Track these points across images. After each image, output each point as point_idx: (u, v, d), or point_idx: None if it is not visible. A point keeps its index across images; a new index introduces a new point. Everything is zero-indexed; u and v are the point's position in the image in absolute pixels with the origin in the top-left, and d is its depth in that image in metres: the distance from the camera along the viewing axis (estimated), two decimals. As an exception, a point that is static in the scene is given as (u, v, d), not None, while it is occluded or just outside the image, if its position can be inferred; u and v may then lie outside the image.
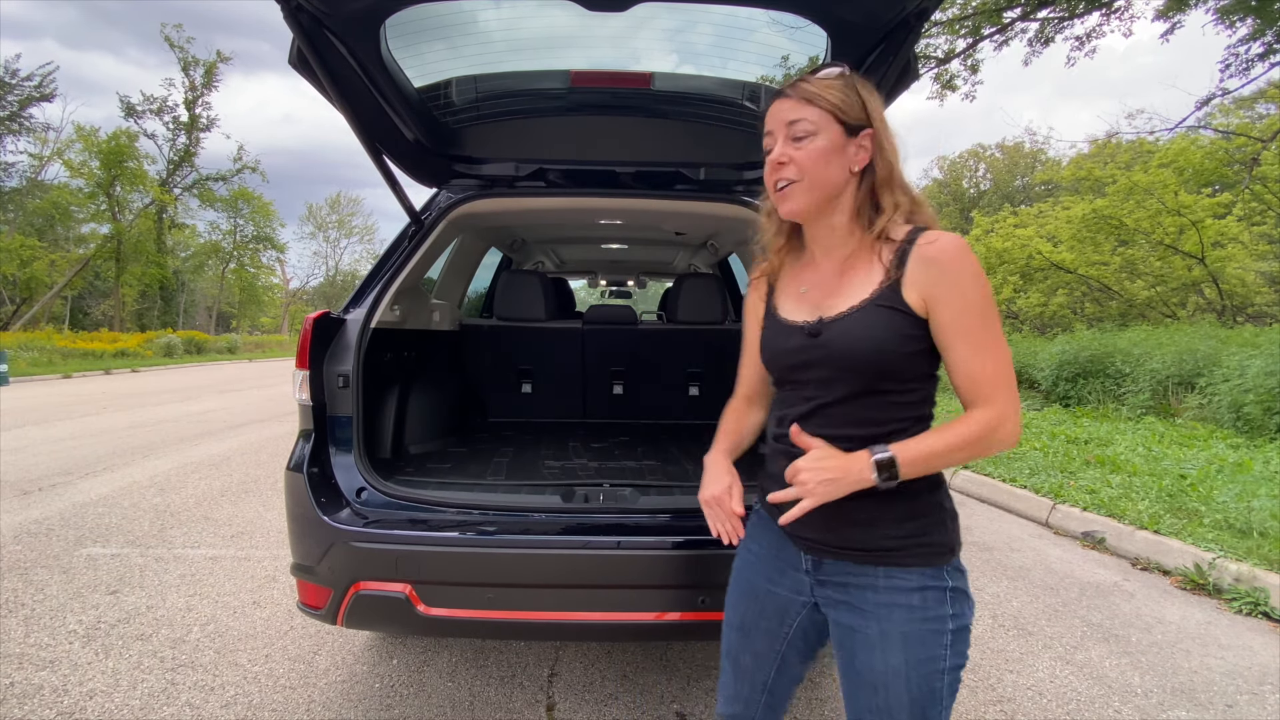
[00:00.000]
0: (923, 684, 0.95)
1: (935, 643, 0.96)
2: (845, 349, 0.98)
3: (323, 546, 1.71)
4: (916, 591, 0.96)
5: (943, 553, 0.98)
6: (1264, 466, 4.65)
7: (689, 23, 1.90)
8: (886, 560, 0.98)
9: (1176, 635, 2.67)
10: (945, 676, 0.96)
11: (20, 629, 2.55)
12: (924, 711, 0.96)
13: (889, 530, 0.98)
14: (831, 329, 1.00)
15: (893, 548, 0.98)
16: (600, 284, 7.01)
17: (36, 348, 18.12)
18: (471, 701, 2.12)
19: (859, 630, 0.99)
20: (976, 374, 0.94)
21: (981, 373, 0.94)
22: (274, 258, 40.91)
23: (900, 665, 0.95)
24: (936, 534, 0.98)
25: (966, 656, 0.98)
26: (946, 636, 0.96)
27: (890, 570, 0.98)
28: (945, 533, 0.99)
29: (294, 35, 1.55)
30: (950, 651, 0.96)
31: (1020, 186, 31.22)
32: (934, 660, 0.95)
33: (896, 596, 0.97)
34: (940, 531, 0.99)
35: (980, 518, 4.35)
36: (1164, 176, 10.92)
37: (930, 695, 0.96)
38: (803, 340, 1.03)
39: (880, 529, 0.98)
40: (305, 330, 1.88)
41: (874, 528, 0.98)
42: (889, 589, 0.97)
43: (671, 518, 1.79)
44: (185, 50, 30.10)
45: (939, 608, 0.96)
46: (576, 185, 2.42)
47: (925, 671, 0.95)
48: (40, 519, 3.93)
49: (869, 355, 0.96)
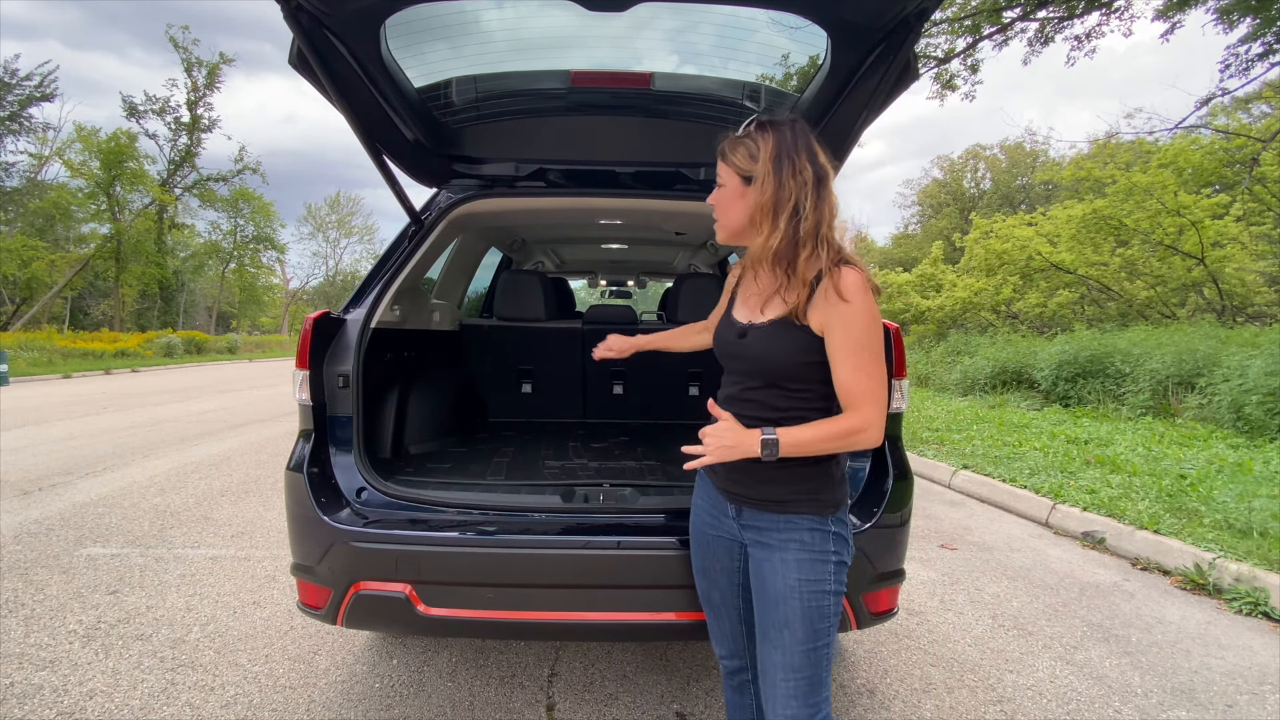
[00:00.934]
0: (812, 599, 1.22)
1: (821, 570, 1.23)
2: (758, 353, 1.24)
3: (323, 546, 1.71)
4: (808, 531, 1.25)
5: (828, 506, 1.26)
6: (1264, 466, 4.65)
7: (689, 23, 1.90)
8: (785, 509, 1.26)
9: (1176, 635, 2.67)
10: (830, 597, 1.23)
11: (20, 629, 2.55)
12: (814, 624, 1.22)
13: (787, 487, 1.26)
14: (753, 334, 1.27)
15: (789, 499, 1.25)
16: (600, 284, 7.01)
17: (36, 348, 18.11)
18: (471, 701, 2.12)
19: (766, 560, 1.27)
20: (851, 388, 1.17)
21: (855, 387, 1.16)
22: (274, 258, 40.93)
23: (795, 583, 1.23)
24: (824, 493, 1.25)
25: (845, 585, 1.27)
26: (830, 567, 1.24)
27: (789, 516, 1.26)
28: (830, 492, 1.26)
29: (294, 35, 1.55)
30: (834, 579, 1.24)
31: (1021, 187, 31.22)
32: (821, 582, 1.23)
33: (793, 534, 1.25)
34: (827, 491, 1.26)
35: (980, 518, 4.35)
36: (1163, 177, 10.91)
37: (819, 611, 1.22)
38: (734, 338, 1.31)
39: (781, 485, 1.26)
40: (305, 330, 1.88)
41: (777, 484, 1.26)
42: (788, 528, 1.26)
43: (671, 518, 1.79)
44: (189, 51, 30.17)
45: (824, 544, 1.25)
46: (576, 185, 2.41)
47: (814, 590, 1.22)
48: (40, 519, 3.93)
49: (773, 361, 1.22)
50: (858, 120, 1.81)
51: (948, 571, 3.33)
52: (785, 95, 2.12)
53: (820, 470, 1.26)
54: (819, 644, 1.22)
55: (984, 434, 6.55)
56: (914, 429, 7.03)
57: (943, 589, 3.11)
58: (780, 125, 1.19)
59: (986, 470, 5.10)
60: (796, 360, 1.20)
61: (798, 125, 1.20)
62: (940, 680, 2.30)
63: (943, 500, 4.82)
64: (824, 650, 1.23)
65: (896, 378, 1.91)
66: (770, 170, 1.17)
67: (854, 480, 1.91)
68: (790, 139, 1.18)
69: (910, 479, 1.89)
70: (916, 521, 4.12)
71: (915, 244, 30.62)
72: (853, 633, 2.57)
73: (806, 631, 1.22)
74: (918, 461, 5.70)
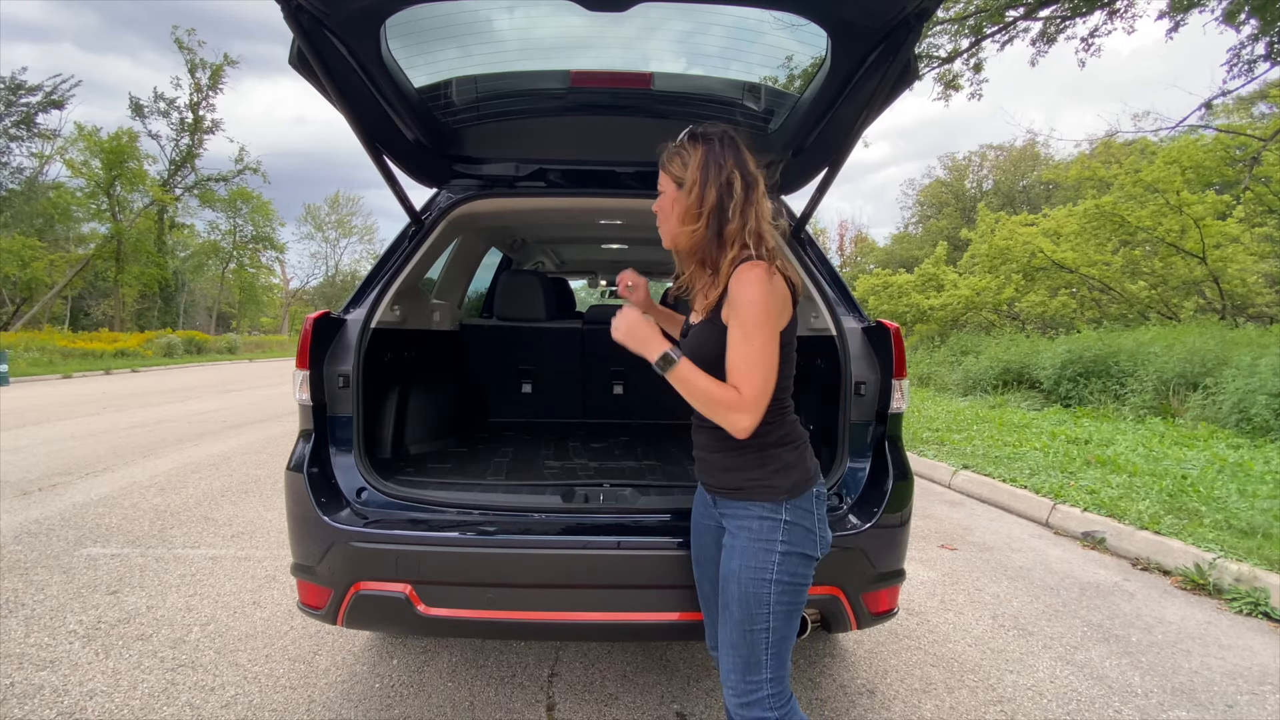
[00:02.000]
0: (749, 586, 1.27)
1: (764, 559, 1.27)
2: (692, 350, 1.32)
3: (323, 546, 1.71)
4: (756, 519, 1.29)
5: (780, 492, 1.29)
6: (1264, 466, 4.65)
7: (689, 23, 1.90)
8: (739, 495, 1.33)
9: (1177, 635, 2.67)
10: (772, 586, 1.26)
11: (20, 629, 2.55)
12: (750, 609, 1.27)
13: (742, 474, 1.32)
14: (690, 334, 1.38)
15: (744, 486, 1.32)
16: (600, 284, 7.01)
17: (37, 348, 18.13)
18: (471, 701, 2.12)
19: (727, 545, 1.34)
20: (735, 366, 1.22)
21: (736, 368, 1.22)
22: (273, 258, 40.98)
23: (737, 569, 1.29)
24: (776, 480, 1.30)
25: (800, 577, 1.29)
26: (775, 556, 1.27)
27: (744, 503, 1.32)
28: (783, 479, 1.30)
29: (294, 35, 1.55)
30: (778, 569, 1.26)
31: (1022, 189, 31.22)
32: (761, 570, 1.26)
33: (745, 521, 1.31)
34: (779, 478, 1.30)
35: (980, 518, 4.35)
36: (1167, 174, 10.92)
37: (755, 598, 1.26)
38: (681, 337, 1.45)
39: (736, 473, 1.33)
40: (305, 330, 1.88)
41: (731, 471, 1.33)
42: (742, 515, 1.32)
43: (671, 518, 1.79)
44: (193, 52, 30.22)
45: (771, 534, 1.28)
46: (576, 185, 2.41)
47: (753, 577, 1.27)
48: (40, 519, 3.93)
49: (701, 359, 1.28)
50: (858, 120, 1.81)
51: (948, 571, 3.33)
52: (786, 95, 2.12)
53: (773, 457, 1.31)
54: (755, 628, 1.27)
55: (984, 434, 6.54)
56: (914, 429, 7.03)
57: (943, 589, 3.11)
58: (710, 136, 1.28)
59: (987, 470, 5.10)
60: (720, 354, 1.25)
61: (726, 136, 1.28)
62: (940, 680, 2.30)
63: (943, 500, 4.82)
64: (760, 634, 1.27)
65: (896, 378, 1.91)
66: (697, 177, 1.27)
67: (854, 480, 1.91)
68: (719, 148, 1.27)
69: (910, 479, 1.89)
70: (916, 521, 4.11)
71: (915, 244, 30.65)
72: (853, 633, 2.56)
73: (743, 614, 1.27)
74: (918, 461, 5.70)
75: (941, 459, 5.63)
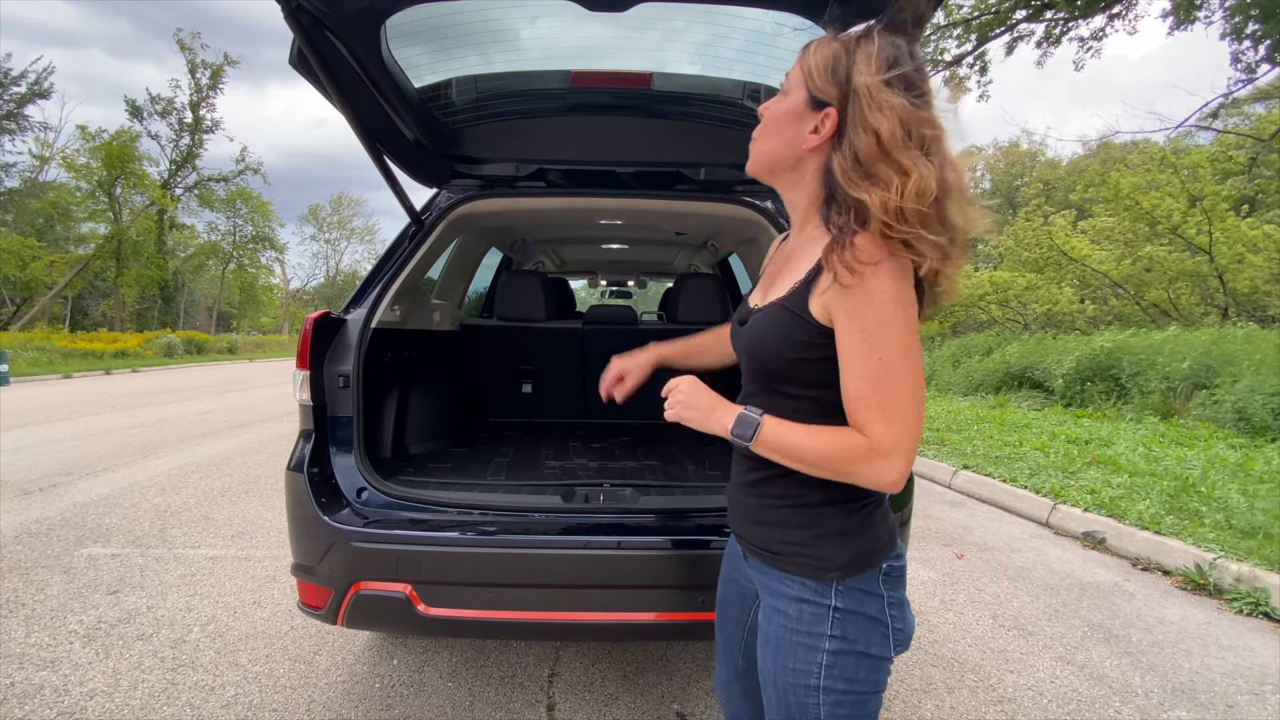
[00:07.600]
0: (789, 693, 0.92)
1: (806, 658, 0.90)
2: (749, 346, 0.94)
3: (323, 546, 1.71)
4: (795, 601, 0.92)
5: (828, 569, 0.90)
6: (1265, 466, 4.65)
7: (689, 23, 1.90)
8: (774, 563, 0.95)
9: (1177, 635, 2.67)
10: (819, 695, 0.90)
11: (21, 629, 2.55)
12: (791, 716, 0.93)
13: (777, 534, 0.95)
14: (751, 321, 0.95)
15: (779, 552, 0.94)
16: (600, 284, 7.01)
17: (37, 348, 18.13)
18: (471, 701, 2.12)
19: (762, 627, 0.98)
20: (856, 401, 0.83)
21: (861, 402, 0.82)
22: (273, 258, 41.00)
23: (770, 667, 0.94)
24: (824, 548, 0.91)
25: (864, 684, 0.91)
26: (821, 655, 0.90)
27: (781, 575, 0.94)
28: (836, 549, 0.90)
29: (294, 35, 1.55)
30: (824, 672, 0.89)
31: (1019, 187, 31.22)
32: (802, 675, 0.91)
33: (779, 602, 0.94)
34: (829, 546, 0.90)
35: (980, 518, 4.35)
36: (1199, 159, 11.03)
37: (799, 707, 0.92)
38: (735, 327, 1.01)
39: (770, 530, 0.95)
40: (306, 330, 1.88)
41: (765, 526, 0.96)
42: (777, 593, 0.95)
43: (672, 518, 1.79)
44: (194, 53, 30.29)
45: (815, 625, 0.90)
46: (577, 185, 2.41)
47: (791, 682, 0.92)
48: (41, 519, 3.93)
49: (762, 356, 0.92)
50: None
51: (948, 572, 3.33)
52: None
53: (825, 515, 0.91)
54: None
55: (985, 434, 6.54)
56: (914, 429, 7.01)
57: (943, 589, 3.11)
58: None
59: (987, 470, 5.10)
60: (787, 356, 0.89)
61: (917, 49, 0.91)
62: (940, 680, 2.30)
63: (943, 500, 4.82)
64: None
65: None
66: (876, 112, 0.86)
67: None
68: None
69: (910, 479, 1.89)
70: (916, 521, 4.12)
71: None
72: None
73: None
74: (918, 461, 5.69)
75: (942, 459, 5.63)
